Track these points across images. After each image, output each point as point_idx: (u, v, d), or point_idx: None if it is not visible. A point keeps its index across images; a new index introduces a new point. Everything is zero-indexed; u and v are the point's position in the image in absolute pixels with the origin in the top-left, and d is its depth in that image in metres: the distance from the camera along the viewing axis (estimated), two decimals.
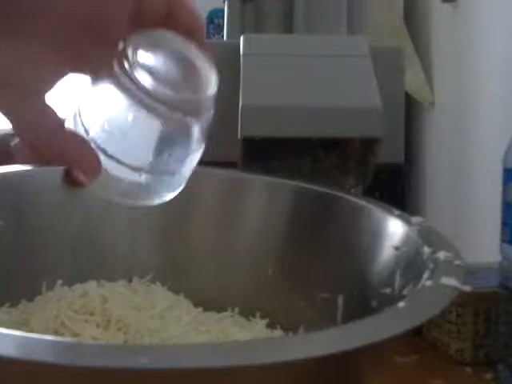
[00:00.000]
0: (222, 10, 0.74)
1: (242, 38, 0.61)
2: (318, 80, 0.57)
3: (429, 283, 0.29)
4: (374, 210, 0.40)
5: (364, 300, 0.36)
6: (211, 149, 0.64)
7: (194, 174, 0.42)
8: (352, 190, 0.59)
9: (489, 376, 0.47)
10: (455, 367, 0.50)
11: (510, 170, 0.43)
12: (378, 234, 0.38)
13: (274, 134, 0.55)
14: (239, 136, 0.54)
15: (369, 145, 0.56)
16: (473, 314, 0.51)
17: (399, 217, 0.38)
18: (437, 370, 0.49)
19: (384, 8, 1.70)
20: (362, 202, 0.41)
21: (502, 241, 0.44)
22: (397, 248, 0.35)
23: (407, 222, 0.37)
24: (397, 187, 0.64)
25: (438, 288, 0.29)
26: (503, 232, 0.44)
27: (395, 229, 0.37)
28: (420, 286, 0.29)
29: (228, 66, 0.62)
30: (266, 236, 0.43)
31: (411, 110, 1.74)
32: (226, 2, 0.73)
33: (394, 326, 0.24)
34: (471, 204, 1.50)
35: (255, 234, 0.44)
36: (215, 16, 2.21)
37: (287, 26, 0.70)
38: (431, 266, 0.31)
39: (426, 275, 0.30)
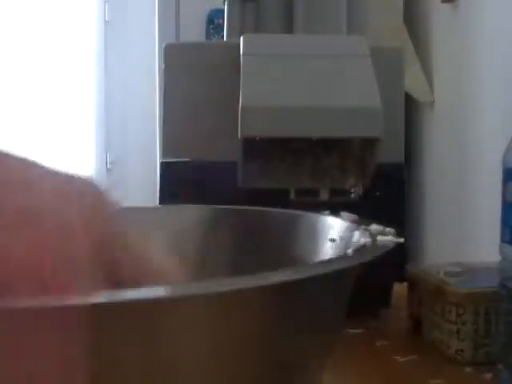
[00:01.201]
0: (222, 11, 0.74)
1: (241, 39, 0.61)
2: (318, 80, 0.57)
3: (367, 242, 0.31)
4: (304, 215, 0.42)
5: None
6: (211, 149, 0.65)
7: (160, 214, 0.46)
8: (352, 190, 0.59)
9: (488, 376, 0.47)
10: (455, 367, 0.50)
11: (509, 170, 0.43)
12: (313, 233, 0.41)
13: (274, 134, 0.55)
14: (239, 136, 0.54)
15: (369, 145, 0.57)
16: (472, 313, 0.51)
17: (330, 215, 0.40)
18: (436, 370, 0.50)
19: (384, 8, 1.70)
20: (292, 212, 0.43)
21: (502, 240, 0.44)
22: (333, 240, 0.37)
23: (339, 218, 0.39)
24: (397, 187, 0.64)
25: (375, 244, 0.30)
26: (503, 232, 0.44)
27: (328, 225, 0.39)
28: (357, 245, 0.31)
29: (228, 66, 0.62)
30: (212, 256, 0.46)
31: (411, 110, 1.74)
32: (225, 3, 0.73)
33: (332, 266, 0.26)
34: (471, 204, 1.50)
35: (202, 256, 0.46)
36: (215, 16, 2.21)
37: (287, 26, 0.70)
38: (365, 234, 0.33)
39: (362, 241, 0.32)
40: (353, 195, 0.59)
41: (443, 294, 0.52)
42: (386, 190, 0.62)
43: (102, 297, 0.20)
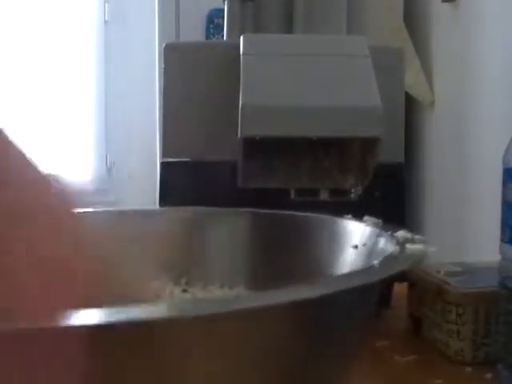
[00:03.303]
0: (222, 10, 0.74)
1: (241, 38, 0.61)
2: (318, 80, 0.57)
3: (395, 251, 0.29)
4: (326, 219, 0.41)
5: None
6: (211, 149, 0.65)
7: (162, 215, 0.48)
8: (352, 190, 0.59)
9: (488, 376, 0.47)
10: (455, 367, 0.50)
11: (508, 170, 0.43)
12: (334, 239, 0.40)
13: (274, 133, 0.55)
14: (239, 136, 0.54)
15: (369, 145, 0.56)
16: (472, 313, 0.51)
17: (351, 219, 0.39)
18: (437, 370, 0.50)
19: (384, 8, 1.69)
20: (313, 216, 0.43)
21: (502, 240, 0.44)
22: (355, 247, 0.36)
23: (360, 222, 0.38)
24: (397, 187, 0.64)
25: (404, 253, 0.29)
26: (502, 232, 0.44)
27: (350, 230, 0.38)
28: (387, 255, 0.29)
29: (228, 66, 0.62)
30: (235, 259, 0.45)
31: (411, 110, 1.74)
32: (225, 2, 0.73)
33: (368, 278, 0.25)
34: (471, 204, 1.50)
35: (224, 258, 0.46)
36: (215, 16, 2.21)
37: (287, 26, 0.70)
38: (392, 242, 0.31)
39: (389, 249, 0.30)
40: (353, 195, 0.59)
41: (443, 293, 0.52)
42: (386, 189, 0.62)
43: (120, 315, 0.19)
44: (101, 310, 0.19)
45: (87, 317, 0.19)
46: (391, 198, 0.63)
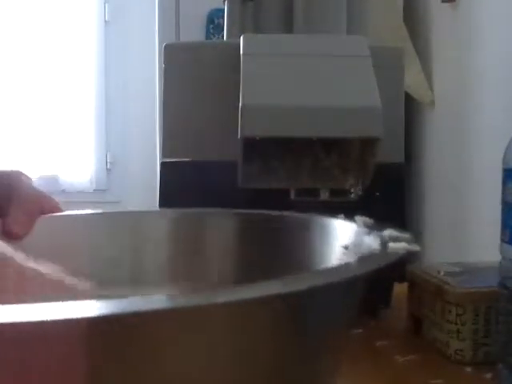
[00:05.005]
0: (222, 10, 0.74)
1: (241, 38, 0.61)
2: (318, 80, 0.57)
3: (376, 249, 0.30)
4: (317, 219, 0.41)
5: None
6: (211, 149, 0.65)
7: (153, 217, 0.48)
8: (352, 190, 0.59)
9: (488, 375, 0.47)
10: (455, 367, 0.50)
11: (508, 170, 0.43)
12: (321, 238, 0.40)
13: (274, 133, 0.55)
14: (239, 136, 0.54)
15: (368, 144, 0.57)
16: (472, 313, 0.51)
17: (343, 220, 0.39)
18: (437, 370, 0.50)
19: (384, 8, 1.70)
20: (301, 215, 0.43)
21: (502, 240, 0.44)
22: (346, 247, 0.36)
23: (352, 222, 0.38)
24: (397, 187, 0.64)
25: (385, 251, 0.29)
26: (503, 232, 0.44)
27: (341, 230, 0.38)
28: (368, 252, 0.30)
29: (228, 66, 0.62)
30: (225, 260, 0.45)
31: (411, 110, 1.74)
32: (225, 2, 0.73)
33: (341, 275, 0.25)
34: (471, 204, 1.50)
35: (214, 258, 0.46)
36: (215, 16, 2.21)
37: (287, 26, 0.70)
38: (377, 241, 0.31)
39: (374, 247, 0.30)
40: (353, 195, 0.59)
41: (443, 293, 0.52)
42: (386, 189, 0.62)
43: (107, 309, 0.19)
44: (95, 302, 0.19)
45: (84, 309, 0.19)
46: (391, 197, 0.63)
